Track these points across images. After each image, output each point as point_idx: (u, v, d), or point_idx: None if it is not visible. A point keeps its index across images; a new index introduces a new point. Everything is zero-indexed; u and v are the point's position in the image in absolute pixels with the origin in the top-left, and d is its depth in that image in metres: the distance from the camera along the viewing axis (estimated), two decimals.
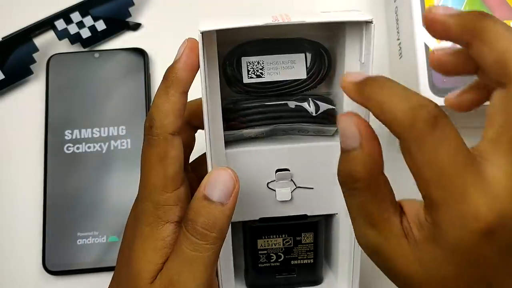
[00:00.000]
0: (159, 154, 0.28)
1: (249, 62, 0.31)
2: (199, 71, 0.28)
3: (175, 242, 0.28)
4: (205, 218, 0.27)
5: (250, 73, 0.31)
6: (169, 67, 0.28)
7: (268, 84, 0.32)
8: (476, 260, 0.23)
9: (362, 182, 0.24)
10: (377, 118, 0.24)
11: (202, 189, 0.27)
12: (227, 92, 0.32)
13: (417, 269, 0.24)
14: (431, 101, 0.23)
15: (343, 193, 0.26)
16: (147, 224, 0.28)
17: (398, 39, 0.43)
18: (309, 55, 0.32)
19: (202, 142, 0.34)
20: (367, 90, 0.24)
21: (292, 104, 0.32)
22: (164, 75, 0.28)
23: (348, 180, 0.25)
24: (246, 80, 0.31)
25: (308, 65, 0.32)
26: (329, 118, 0.32)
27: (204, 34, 0.27)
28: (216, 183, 0.27)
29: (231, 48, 0.32)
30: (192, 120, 0.33)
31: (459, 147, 0.23)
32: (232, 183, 0.27)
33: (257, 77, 0.31)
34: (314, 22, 0.28)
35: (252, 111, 0.32)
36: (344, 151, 0.25)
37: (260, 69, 0.31)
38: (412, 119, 0.22)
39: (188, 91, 0.28)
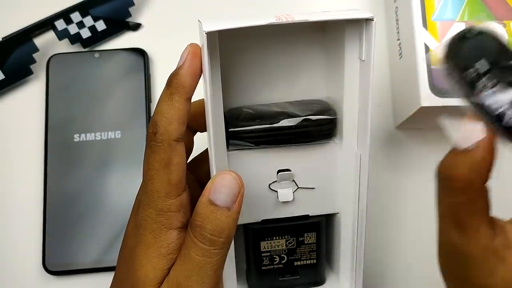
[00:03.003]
0: (163, 160, 0.27)
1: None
2: (202, 74, 0.28)
3: (179, 247, 0.28)
4: (213, 224, 0.26)
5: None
6: (172, 73, 0.28)
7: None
8: None
9: (463, 185, 0.23)
10: None
11: (207, 194, 0.27)
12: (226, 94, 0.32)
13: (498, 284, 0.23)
14: None
15: (437, 183, 0.25)
16: (150, 231, 0.28)
17: (398, 39, 0.43)
18: None
19: (197, 142, 0.34)
20: None
21: (292, 121, 0.31)
22: (167, 81, 0.28)
23: (448, 177, 0.24)
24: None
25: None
26: (330, 128, 0.32)
27: (208, 35, 0.26)
28: (221, 188, 0.27)
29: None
30: (191, 124, 0.32)
31: None
32: (237, 187, 0.27)
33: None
34: (317, 20, 0.28)
35: (255, 134, 0.31)
36: (456, 149, 0.23)
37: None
38: None
39: (191, 97, 0.28)
